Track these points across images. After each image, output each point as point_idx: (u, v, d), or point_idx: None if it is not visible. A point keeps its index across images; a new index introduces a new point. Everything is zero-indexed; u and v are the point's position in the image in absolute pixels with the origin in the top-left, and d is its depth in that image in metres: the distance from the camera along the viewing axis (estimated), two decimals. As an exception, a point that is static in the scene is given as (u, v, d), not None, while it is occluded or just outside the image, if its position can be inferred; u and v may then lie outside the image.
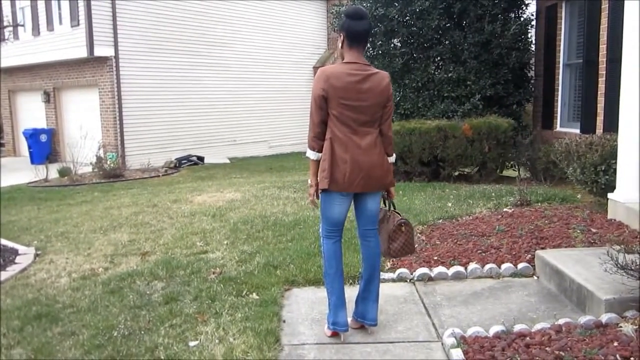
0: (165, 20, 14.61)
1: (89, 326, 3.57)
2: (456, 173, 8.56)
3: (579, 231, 4.79)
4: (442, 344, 3.12)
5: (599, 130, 7.22)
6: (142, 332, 3.43)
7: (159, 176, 12.50)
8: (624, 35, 4.97)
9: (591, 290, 3.35)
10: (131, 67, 13.95)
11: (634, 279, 3.12)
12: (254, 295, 3.90)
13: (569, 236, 4.68)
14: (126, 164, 13.46)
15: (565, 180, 6.76)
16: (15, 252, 5.54)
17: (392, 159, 3.32)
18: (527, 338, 2.99)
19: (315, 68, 19.07)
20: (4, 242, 5.91)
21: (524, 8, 9.85)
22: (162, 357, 3.10)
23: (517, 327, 3.13)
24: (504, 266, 4.21)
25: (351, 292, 3.59)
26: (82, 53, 13.50)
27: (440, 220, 5.57)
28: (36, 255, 5.48)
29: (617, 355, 2.68)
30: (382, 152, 3.22)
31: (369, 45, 9.92)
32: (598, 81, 7.40)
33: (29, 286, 4.52)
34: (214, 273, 4.43)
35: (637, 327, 2.94)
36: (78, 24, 13.57)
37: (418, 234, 5.11)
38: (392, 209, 3.47)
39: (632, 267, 3.11)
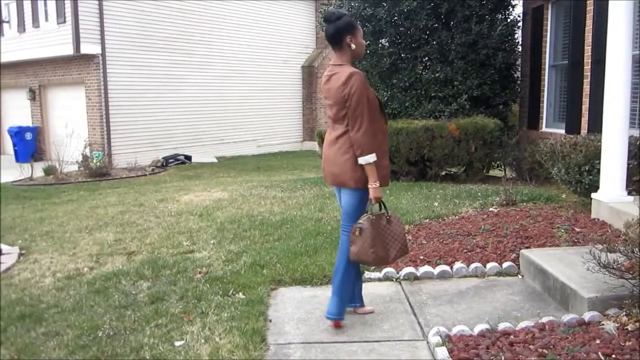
0: (152, 18, 14.53)
1: (73, 326, 3.55)
2: (443, 173, 8.60)
3: (563, 230, 4.84)
4: (428, 342, 3.14)
5: (584, 130, 7.30)
6: (128, 332, 3.41)
7: (145, 175, 12.43)
8: (608, 37, 5.03)
9: (574, 288, 3.39)
10: (118, 65, 13.85)
11: (616, 278, 3.16)
12: (241, 295, 3.90)
13: (553, 235, 4.73)
14: (113, 163, 13.37)
15: (550, 180, 6.83)
16: (-2, 252, 5.47)
17: (362, 159, 3.17)
18: (511, 336, 3.02)
19: (304, 67, 19.05)
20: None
21: (511, 9, 9.94)
22: (148, 357, 3.09)
23: (502, 326, 3.16)
24: (489, 265, 4.25)
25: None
26: (69, 50, 13.38)
27: (427, 220, 5.60)
28: (20, 254, 5.43)
29: (599, 353, 2.72)
30: (343, 150, 3.23)
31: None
32: (583, 82, 7.48)
33: (13, 286, 4.47)
34: (200, 273, 4.42)
35: (618, 324, 2.98)
36: (64, 21, 13.45)
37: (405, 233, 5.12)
38: (384, 212, 3.37)
39: (614, 266, 3.15)
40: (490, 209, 5.89)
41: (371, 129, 3.18)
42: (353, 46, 3.26)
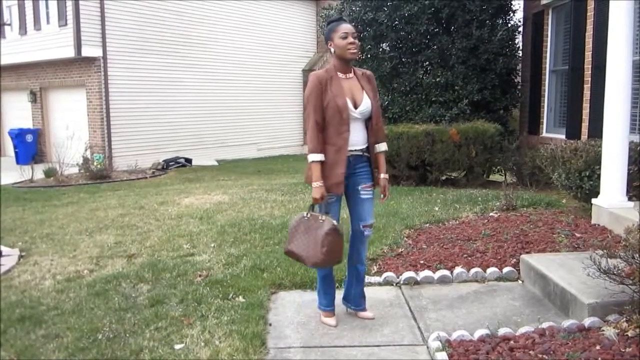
0: (154, 21, 14.55)
1: (73, 329, 3.54)
2: (443, 177, 8.60)
3: (563, 236, 4.84)
4: (428, 347, 3.14)
5: (584, 136, 7.31)
6: (127, 335, 3.41)
7: (146, 178, 12.43)
8: (608, 43, 5.04)
9: (574, 294, 3.39)
10: (119, 68, 13.87)
11: (616, 284, 3.16)
12: (241, 298, 3.89)
13: (553, 241, 4.73)
14: (113, 166, 13.36)
15: (551, 185, 6.83)
16: (-2, 254, 5.47)
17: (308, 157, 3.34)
18: (511, 342, 3.02)
19: (305, 71, 19.09)
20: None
21: (511, 14, 9.94)
22: (147, 360, 3.09)
23: (502, 331, 3.16)
24: (490, 270, 4.25)
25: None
26: (70, 53, 13.40)
27: (427, 224, 5.60)
28: (20, 256, 5.42)
29: (599, 359, 2.72)
30: None
31: (358, 49, 9.95)
32: (583, 88, 7.49)
33: (13, 288, 4.47)
34: (200, 276, 4.42)
35: (619, 330, 2.98)
36: (66, 24, 13.47)
37: (405, 238, 5.13)
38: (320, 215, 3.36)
39: (615, 272, 3.15)
40: (491, 213, 5.89)
41: (318, 131, 3.27)
42: (332, 50, 3.37)
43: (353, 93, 3.36)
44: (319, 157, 3.27)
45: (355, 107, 3.34)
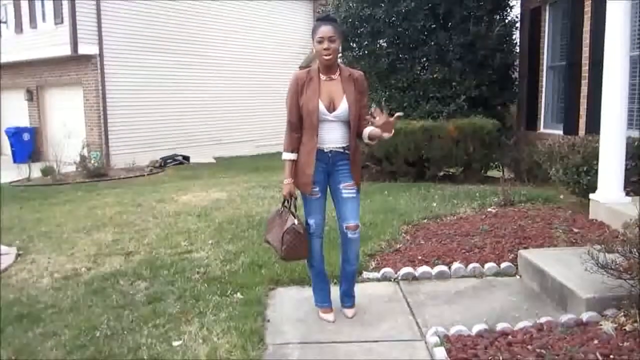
0: (150, 19, 14.52)
1: (71, 326, 3.54)
2: (441, 173, 8.60)
3: (561, 231, 4.84)
4: (426, 342, 3.14)
5: (582, 131, 7.30)
6: (125, 332, 3.41)
7: (143, 175, 12.43)
8: (605, 38, 5.04)
9: (572, 289, 3.39)
10: (116, 66, 13.84)
11: (614, 278, 3.16)
12: (239, 295, 3.89)
13: (551, 236, 4.73)
14: (110, 163, 13.36)
15: (548, 180, 6.82)
16: (-4, 252, 5.46)
17: None
18: (509, 336, 3.02)
19: (302, 68, 19.06)
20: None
21: (509, 10, 9.95)
22: (145, 357, 3.08)
23: (500, 326, 3.16)
24: (488, 265, 4.25)
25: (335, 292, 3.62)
26: (66, 51, 13.37)
27: (425, 220, 5.59)
28: (18, 255, 5.41)
29: (597, 353, 2.72)
30: None
31: (355, 45, 9.95)
32: (581, 83, 7.49)
33: (10, 286, 4.46)
34: (198, 273, 4.41)
35: (616, 325, 2.99)
36: (62, 22, 13.43)
37: (403, 234, 5.13)
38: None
39: (612, 267, 3.15)
40: (489, 209, 5.89)
41: (291, 130, 3.34)
42: (314, 50, 3.38)
43: (332, 96, 3.29)
44: (290, 156, 3.35)
45: (332, 110, 3.28)
